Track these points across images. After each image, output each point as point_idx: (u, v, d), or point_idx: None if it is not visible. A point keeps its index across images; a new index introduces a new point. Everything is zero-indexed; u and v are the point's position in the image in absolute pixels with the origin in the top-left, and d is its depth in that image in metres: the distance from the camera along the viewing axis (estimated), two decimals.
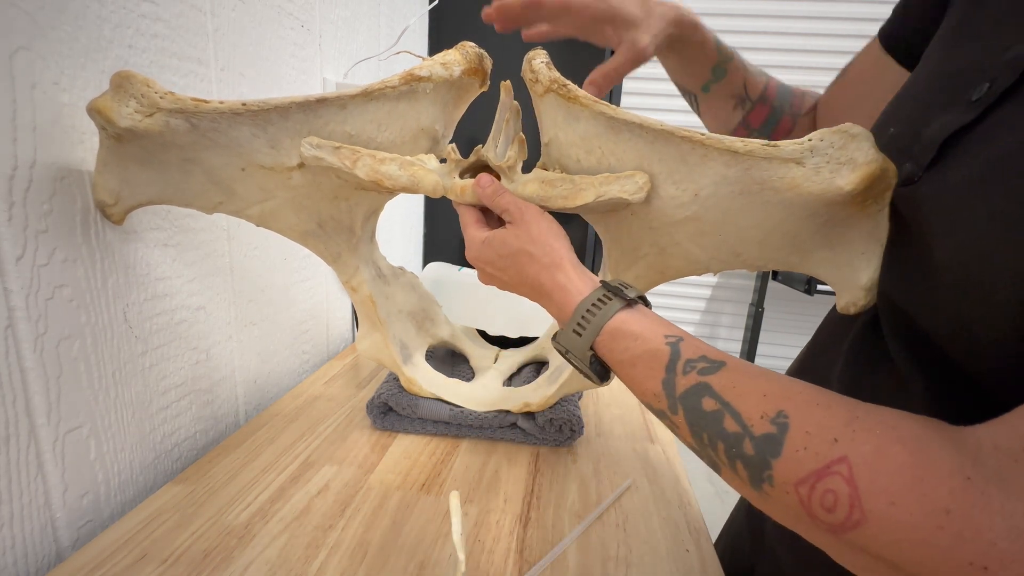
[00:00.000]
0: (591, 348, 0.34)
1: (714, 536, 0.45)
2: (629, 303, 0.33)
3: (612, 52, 0.46)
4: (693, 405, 0.28)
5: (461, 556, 0.30)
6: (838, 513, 0.22)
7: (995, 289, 0.23)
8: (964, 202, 0.26)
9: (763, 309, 1.77)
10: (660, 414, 0.30)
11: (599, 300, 0.34)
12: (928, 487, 0.20)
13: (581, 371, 0.36)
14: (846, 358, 0.36)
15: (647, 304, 0.35)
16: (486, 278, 0.42)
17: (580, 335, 0.34)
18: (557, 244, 0.38)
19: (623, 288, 0.34)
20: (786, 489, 0.24)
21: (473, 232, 0.42)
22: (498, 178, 0.42)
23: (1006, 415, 0.21)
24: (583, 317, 0.34)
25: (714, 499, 1.65)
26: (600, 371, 0.35)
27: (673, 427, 0.30)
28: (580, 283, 0.35)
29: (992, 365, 0.24)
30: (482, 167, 0.43)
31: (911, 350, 0.30)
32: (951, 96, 0.29)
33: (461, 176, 0.43)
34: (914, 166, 0.30)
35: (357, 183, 0.42)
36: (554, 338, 0.36)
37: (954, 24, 0.33)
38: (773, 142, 0.31)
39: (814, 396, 0.25)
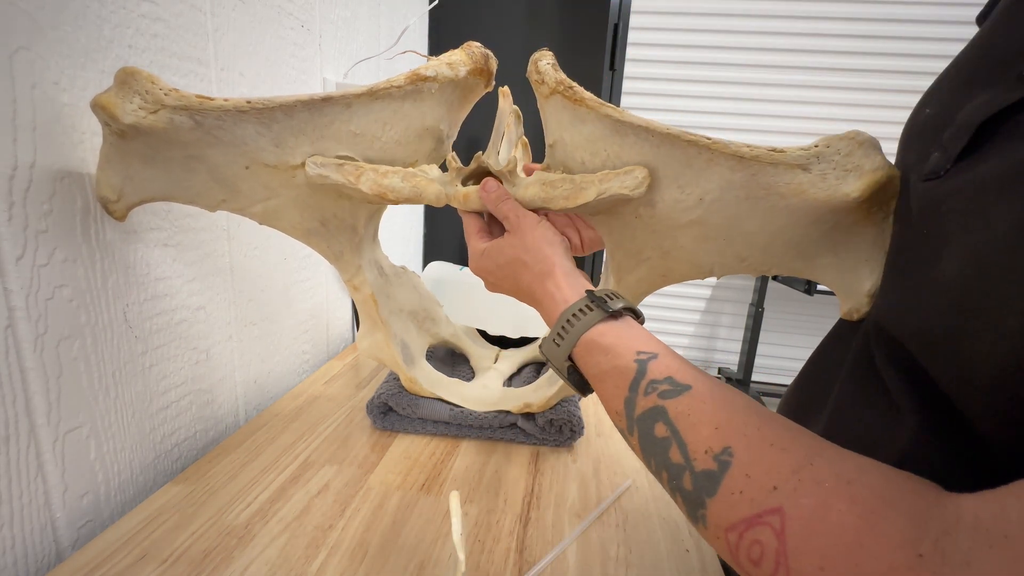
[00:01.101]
0: (569, 359, 0.33)
1: None
2: (612, 315, 0.32)
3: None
4: (647, 429, 0.26)
5: (461, 556, 0.30)
6: (763, 568, 0.20)
7: (1005, 315, 0.19)
8: (989, 203, 0.21)
9: (763, 309, 1.77)
10: (622, 433, 0.29)
11: (580, 310, 0.33)
12: (866, 556, 0.17)
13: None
14: (843, 380, 0.33)
15: (637, 315, 0.34)
16: (490, 287, 0.43)
17: (559, 345, 0.33)
18: (550, 251, 0.37)
19: (608, 299, 0.33)
20: (716, 533, 0.22)
21: (475, 243, 0.42)
22: (501, 183, 0.42)
23: (999, 490, 0.17)
24: (563, 327, 0.33)
25: None
26: (579, 382, 0.33)
27: (633, 449, 0.28)
28: (568, 291, 0.35)
29: (988, 406, 0.21)
30: (483, 173, 0.43)
31: (905, 381, 0.27)
32: (996, 72, 0.24)
33: (463, 184, 0.43)
34: (943, 156, 0.25)
35: (362, 197, 0.42)
36: (540, 345, 0.36)
37: None
38: (779, 147, 0.31)
39: (773, 434, 0.23)
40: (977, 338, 0.21)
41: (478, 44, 0.42)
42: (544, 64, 0.38)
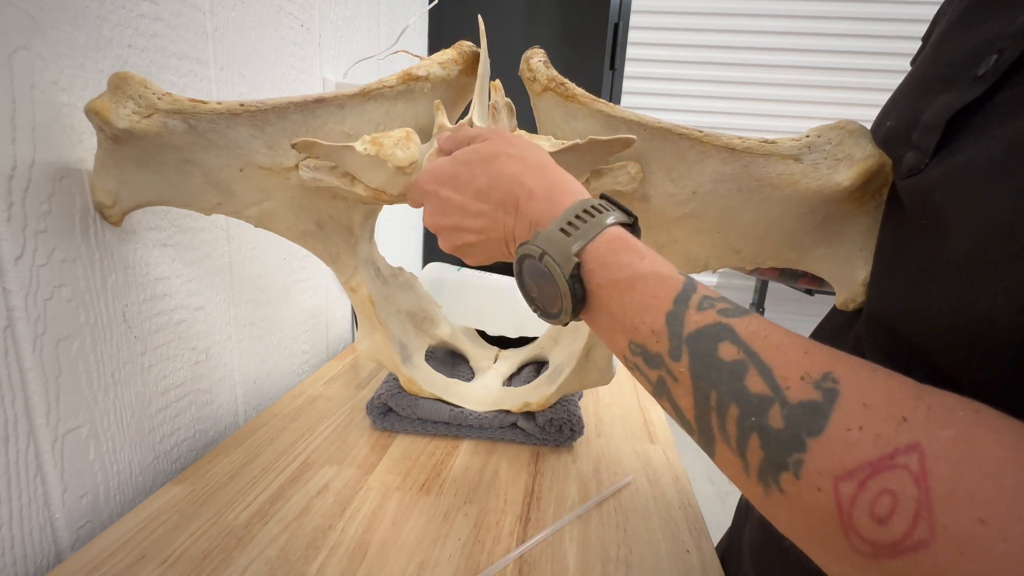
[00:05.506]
0: (577, 255, 0.25)
1: (715, 537, 0.45)
2: (634, 225, 0.27)
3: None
4: (705, 350, 0.20)
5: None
6: (893, 527, 0.15)
7: (1017, 267, 0.19)
8: (987, 180, 0.22)
9: (763, 309, 1.77)
10: (652, 360, 0.23)
11: (602, 205, 0.26)
12: None
13: (540, 299, 0.28)
14: None
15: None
16: (439, 208, 0.34)
17: (568, 235, 0.25)
18: (540, 151, 0.31)
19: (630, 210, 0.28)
20: (819, 484, 0.16)
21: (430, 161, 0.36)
22: None
23: None
24: (578, 216, 0.26)
25: (715, 500, 1.65)
26: (578, 290, 0.26)
27: (664, 381, 0.22)
28: (577, 185, 0.29)
29: (998, 374, 0.20)
30: None
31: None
32: (953, 77, 0.27)
33: None
34: (918, 154, 0.27)
35: (357, 198, 0.42)
36: (527, 241, 0.28)
37: (956, 16, 0.30)
38: (771, 139, 0.31)
39: (868, 363, 0.19)
40: (990, 297, 0.20)
41: (469, 43, 0.43)
42: (536, 62, 0.38)
